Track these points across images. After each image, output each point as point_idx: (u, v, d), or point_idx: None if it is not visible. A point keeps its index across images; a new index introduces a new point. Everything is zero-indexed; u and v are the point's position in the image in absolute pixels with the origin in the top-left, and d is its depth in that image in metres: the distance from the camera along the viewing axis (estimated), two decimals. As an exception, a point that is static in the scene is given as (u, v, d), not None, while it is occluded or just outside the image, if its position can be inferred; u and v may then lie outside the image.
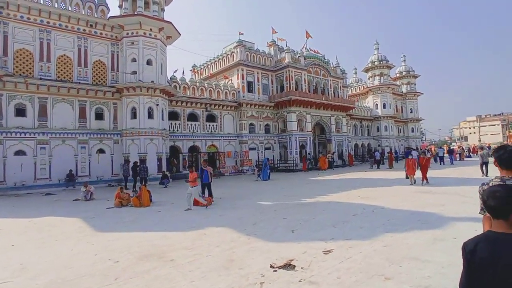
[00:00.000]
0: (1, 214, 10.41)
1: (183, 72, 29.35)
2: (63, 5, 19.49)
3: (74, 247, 5.96)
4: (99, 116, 20.31)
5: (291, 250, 5.24)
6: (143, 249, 5.60)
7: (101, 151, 20.12)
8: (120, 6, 21.49)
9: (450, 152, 29.63)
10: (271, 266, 4.40)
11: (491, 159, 3.23)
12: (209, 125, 25.96)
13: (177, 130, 24.03)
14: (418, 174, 14.04)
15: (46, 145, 18.30)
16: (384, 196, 10.89)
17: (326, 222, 7.34)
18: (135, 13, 20.49)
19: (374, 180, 16.96)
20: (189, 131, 24.68)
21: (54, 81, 18.71)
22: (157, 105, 20.58)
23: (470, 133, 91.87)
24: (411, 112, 50.09)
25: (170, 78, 24.03)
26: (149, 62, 20.68)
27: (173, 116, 23.97)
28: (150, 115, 20.36)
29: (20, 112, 17.84)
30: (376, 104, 43.79)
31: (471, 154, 39.89)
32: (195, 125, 25.09)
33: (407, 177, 14.19)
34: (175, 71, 29.52)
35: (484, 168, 16.13)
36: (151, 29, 20.78)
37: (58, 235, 7.08)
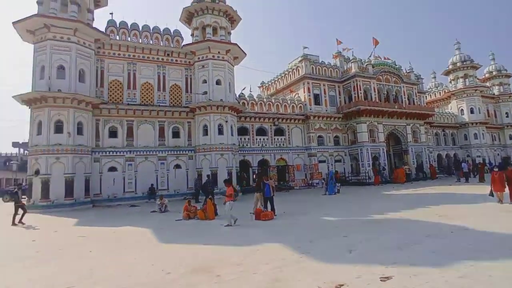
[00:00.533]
0: (93, 223, 12.04)
1: (250, 89, 30.49)
2: (146, 40, 22.16)
3: (137, 256, 6.48)
4: (175, 134, 22.19)
5: (344, 273, 4.77)
6: (195, 262, 5.77)
7: (177, 166, 21.83)
8: (192, 35, 23.56)
9: None
10: None
11: None
12: (278, 139, 26.25)
13: (247, 145, 24.83)
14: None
15: (132, 162, 20.60)
16: (469, 215, 9.45)
17: (391, 242, 6.59)
18: (205, 39, 22.18)
19: (459, 195, 15.01)
20: (258, 145, 25.28)
21: (139, 105, 21.13)
22: (226, 121, 21.62)
23: None
24: (507, 116, 43.28)
25: (239, 96, 25.15)
26: (218, 82, 22.02)
27: (242, 131, 24.89)
28: (220, 131, 21.47)
29: (112, 133, 20.53)
30: (462, 110, 39.02)
31: None
32: (263, 139, 25.64)
33: (491, 194, 11.79)
34: (243, 89, 30.99)
35: None
36: (218, 52, 22.23)
37: (129, 244, 7.82)
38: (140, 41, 21.93)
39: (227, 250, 6.69)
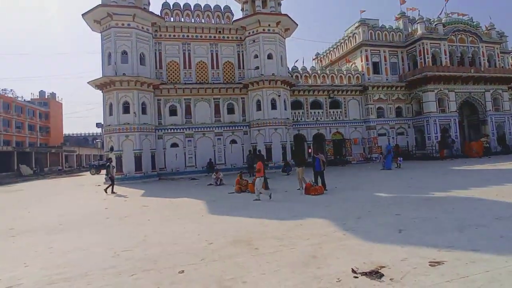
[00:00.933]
0: (157, 194, 13.17)
1: (303, 62, 29.62)
2: (198, 19, 22.62)
3: (187, 226, 6.94)
4: (230, 110, 22.78)
5: (387, 254, 4.42)
6: (238, 234, 5.95)
7: (233, 141, 22.56)
8: (242, 10, 23.31)
9: None
10: (353, 271, 3.80)
11: None
12: (333, 112, 25.34)
13: (301, 119, 24.47)
14: None
15: (191, 138, 21.84)
16: None
17: (450, 223, 5.89)
18: (255, 12, 21.82)
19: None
20: (313, 119, 24.73)
21: (195, 84, 22.01)
22: (279, 96, 21.43)
23: None
24: None
25: (291, 69, 24.61)
26: (269, 56, 21.73)
27: (296, 105, 24.51)
28: (273, 106, 21.42)
29: (173, 112, 21.87)
30: (561, 69, 32.71)
31: None
32: (318, 112, 24.98)
33: None
34: (296, 62, 30.06)
35: None
36: (269, 25, 21.75)
37: (182, 214, 8.39)
38: (193, 21, 22.47)
39: (271, 223, 6.76)
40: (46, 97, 55.32)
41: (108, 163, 15.43)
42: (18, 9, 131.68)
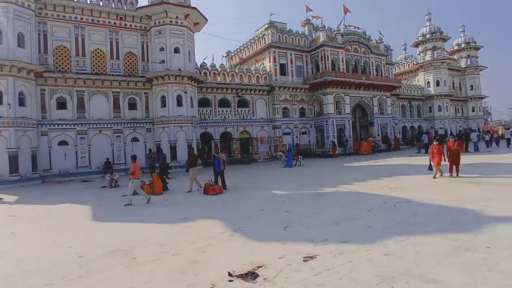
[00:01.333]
0: (32, 200, 11.23)
1: (213, 58, 29.14)
2: (95, 0, 20.08)
3: (59, 237, 5.99)
4: (132, 106, 20.98)
5: (269, 252, 4.52)
6: (118, 243, 5.38)
7: (135, 139, 20.89)
8: (148, -4, 21.59)
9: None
10: (229, 274, 3.76)
11: None
12: (241, 111, 25.55)
13: (209, 117, 24.03)
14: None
15: (85, 135, 19.43)
16: (418, 187, 9.47)
17: (331, 217, 6.40)
18: (161, 1, 20.42)
19: (416, 167, 15.17)
20: (221, 117, 24.54)
21: (90, 74, 19.59)
22: (185, 92, 20.61)
23: (550, 111, 79.77)
24: (471, 89, 44.65)
25: (200, 66, 23.93)
26: (176, 50, 20.67)
27: (204, 103, 23.97)
28: (179, 103, 20.51)
29: (61, 105, 19.09)
30: (428, 82, 39.66)
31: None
32: (226, 111, 24.87)
33: (430, 168, 11.16)
34: (205, 58, 29.41)
35: None
36: (177, 17, 20.65)
37: (58, 224, 7.26)
38: (88, 2, 19.88)
39: (159, 228, 6.39)
40: None
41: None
42: None
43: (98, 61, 20.20)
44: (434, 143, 11.16)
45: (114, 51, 20.56)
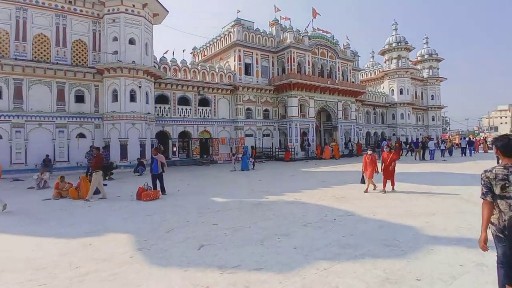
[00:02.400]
0: None
1: (174, 53, 27.82)
2: (40, -21, 18.21)
3: None
4: (79, 98, 19.23)
5: (158, 283, 3.66)
6: None
7: (81, 135, 19.15)
8: (100, -20, 19.96)
9: (470, 143, 26.88)
10: None
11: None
12: (202, 110, 24.44)
13: (166, 115, 22.70)
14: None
15: (21, 129, 17.49)
16: (366, 197, 9.02)
17: (259, 234, 5.62)
18: (116, -13, 18.93)
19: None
20: (180, 115, 23.28)
21: (30, 62, 17.69)
22: (140, 87, 19.23)
23: (501, 123, 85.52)
24: (432, 99, 46.36)
25: (160, 60, 22.58)
26: (131, 41, 19.25)
27: (162, 99, 22.64)
28: (132, 98, 19.09)
29: (-5, 94, 17.02)
30: (392, 90, 40.63)
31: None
32: (186, 109, 23.64)
33: (363, 181, 10.17)
34: (165, 52, 27.83)
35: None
36: (133, 5, 19.25)
37: None
38: (32, -18, 17.99)
39: (51, 244, 5.29)
40: None
41: None
42: None
43: (41, 48, 18.32)
44: (368, 152, 10.16)
45: (61, 37, 18.75)
